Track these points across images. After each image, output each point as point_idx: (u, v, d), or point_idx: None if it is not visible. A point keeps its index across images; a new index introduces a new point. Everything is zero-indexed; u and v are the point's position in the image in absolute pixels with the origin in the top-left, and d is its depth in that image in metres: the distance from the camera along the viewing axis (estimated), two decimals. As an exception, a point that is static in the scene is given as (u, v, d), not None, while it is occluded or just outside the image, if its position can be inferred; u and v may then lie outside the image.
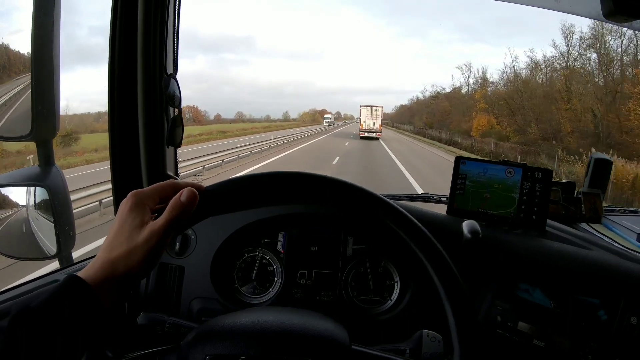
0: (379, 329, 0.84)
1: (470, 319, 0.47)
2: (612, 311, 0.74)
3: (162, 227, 0.46)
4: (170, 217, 0.47)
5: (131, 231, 0.46)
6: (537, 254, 0.81)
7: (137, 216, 0.46)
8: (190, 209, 0.48)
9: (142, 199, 0.47)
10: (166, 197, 0.49)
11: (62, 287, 0.41)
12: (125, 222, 0.46)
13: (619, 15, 0.70)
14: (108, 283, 0.43)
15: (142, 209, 0.47)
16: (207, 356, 0.47)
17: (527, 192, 0.90)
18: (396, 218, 0.50)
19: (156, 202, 0.49)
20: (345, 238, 0.91)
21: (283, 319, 0.52)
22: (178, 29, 0.89)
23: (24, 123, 0.78)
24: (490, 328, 0.78)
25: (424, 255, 0.48)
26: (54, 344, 0.38)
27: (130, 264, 0.45)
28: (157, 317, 0.59)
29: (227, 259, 0.89)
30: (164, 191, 0.49)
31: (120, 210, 0.47)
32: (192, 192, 0.48)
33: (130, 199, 0.47)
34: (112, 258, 0.44)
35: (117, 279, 0.44)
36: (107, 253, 0.45)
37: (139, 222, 0.46)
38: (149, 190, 0.49)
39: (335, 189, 0.51)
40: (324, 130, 43.67)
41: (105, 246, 0.46)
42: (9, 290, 0.78)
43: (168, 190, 0.50)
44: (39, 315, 0.39)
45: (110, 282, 0.43)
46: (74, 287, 0.41)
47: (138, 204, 0.47)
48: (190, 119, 63.47)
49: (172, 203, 0.47)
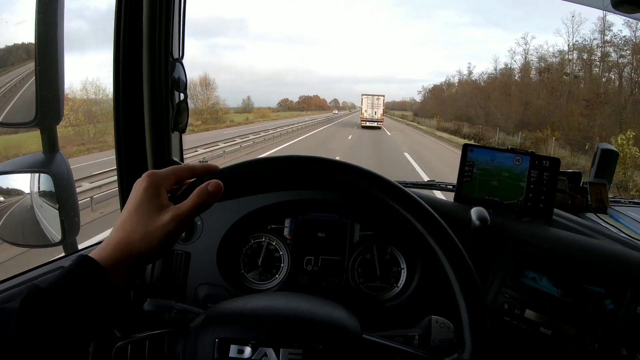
0: (386, 316, 0.84)
1: (483, 313, 0.47)
2: (618, 300, 0.74)
3: (186, 212, 0.46)
4: (195, 203, 0.47)
5: (150, 213, 0.45)
6: (545, 242, 0.81)
7: (154, 198, 0.46)
8: (215, 198, 0.48)
9: (158, 180, 0.47)
10: (182, 179, 0.49)
11: (74, 267, 0.41)
12: (142, 203, 0.45)
13: (627, 5, 0.69)
14: (121, 264, 0.43)
15: (158, 190, 0.46)
16: (216, 339, 0.46)
17: (535, 180, 0.90)
18: (409, 205, 0.49)
19: (172, 184, 0.48)
20: (352, 224, 0.91)
21: (294, 304, 0.52)
22: (184, 11, 0.88)
23: (28, 110, 0.77)
24: (497, 316, 0.78)
25: (437, 244, 0.48)
26: (66, 325, 0.38)
27: (146, 247, 0.44)
28: (164, 303, 0.58)
29: (233, 245, 0.89)
30: (180, 173, 0.49)
31: (136, 191, 0.46)
32: (218, 184, 0.48)
33: (146, 179, 0.46)
34: (127, 239, 0.44)
35: (130, 260, 0.44)
36: (121, 233, 0.44)
37: (156, 204, 0.46)
38: (165, 172, 0.48)
39: (349, 173, 0.50)
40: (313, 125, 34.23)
41: (118, 226, 0.45)
42: (14, 277, 0.78)
43: (184, 172, 0.49)
44: (50, 296, 0.38)
45: (124, 263, 0.43)
46: (87, 267, 0.41)
47: (154, 185, 0.46)
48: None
49: (199, 191, 0.47)
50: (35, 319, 0.37)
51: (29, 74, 0.77)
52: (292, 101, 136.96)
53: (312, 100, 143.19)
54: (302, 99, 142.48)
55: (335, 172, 0.50)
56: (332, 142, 18.68)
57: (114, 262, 0.42)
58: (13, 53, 0.87)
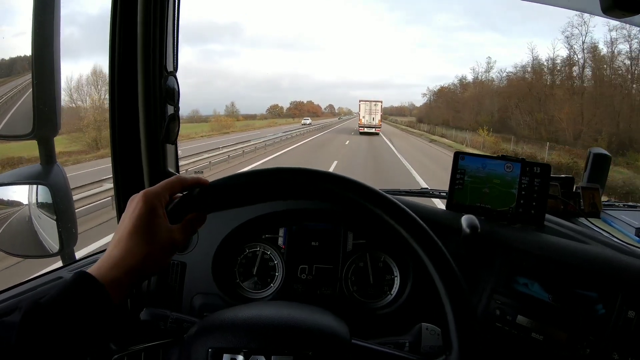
0: (379, 323, 0.85)
1: (468, 315, 0.47)
2: (609, 305, 0.75)
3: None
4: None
5: (150, 234, 0.47)
6: (536, 248, 0.82)
7: (152, 217, 0.47)
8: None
9: (154, 198, 0.48)
10: (174, 193, 0.51)
11: (73, 283, 0.42)
12: (141, 224, 0.47)
13: (617, 10, 0.70)
14: (120, 282, 0.44)
15: (155, 209, 0.48)
16: (209, 349, 0.47)
17: (526, 187, 0.90)
18: (395, 213, 0.50)
19: (167, 199, 0.50)
20: (346, 233, 0.92)
21: (284, 312, 0.53)
22: (178, 25, 0.90)
23: (25, 122, 0.78)
24: (489, 322, 0.79)
25: (423, 251, 0.49)
26: (64, 340, 0.39)
27: (146, 266, 0.46)
28: (160, 313, 0.59)
29: (228, 255, 0.90)
30: (172, 188, 0.51)
31: (133, 210, 0.48)
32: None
33: (142, 200, 0.48)
34: (126, 259, 0.45)
35: (129, 279, 0.45)
36: (120, 252, 0.45)
37: (155, 224, 0.47)
38: (159, 189, 0.50)
39: (335, 184, 0.51)
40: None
41: (117, 244, 0.46)
42: (13, 287, 0.78)
43: (176, 186, 0.51)
44: (50, 311, 0.39)
45: (123, 281, 0.44)
46: (86, 284, 0.42)
47: (151, 205, 0.48)
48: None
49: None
50: (35, 333, 0.38)
51: (26, 86, 0.79)
52: (282, 107, 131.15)
53: (305, 106, 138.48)
54: (293, 105, 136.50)
55: (320, 181, 0.52)
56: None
57: (112, 280, 0.43)
58: (10, 65, 0.89)
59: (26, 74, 0.79)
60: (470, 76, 41.84)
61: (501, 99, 31.12)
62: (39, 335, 0.38)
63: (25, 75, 0.79)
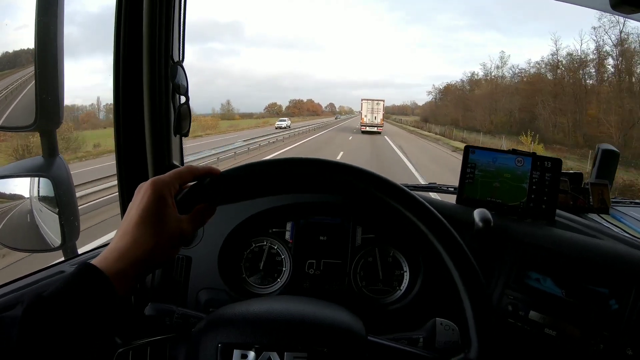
0: (389, 319, 0.84)
1: (488, 311, 0.46)
2: (623, 300, 0.74)
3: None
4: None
5: (159, 224, 0.45)
6: (548, 243, 0.81)
7: (160, 207, 0.45)
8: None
9: (163, 187, 0.47)
10: (184, 182, 0.49)
11: (76, 275, 0.40)
12: (149, 213, 0.45)
13: (625, 6, 0.69)
14: (126, 273, 0.42)
15: (165, 199, 0.46)
16: (219, 344, 0.46)
17: (537, 181, 0.89)
18: (414, 207, 0.49)
19: (177, 189, 0.48)
20: (354, 227, 0.90)
21: (297, 307, 0.51)
22: (185, 14, 0.88)
23: (28, 113, 0.77)
24: (501, 317, 0.78)
25: (442, 246, 0.48)
26: (68, 333, 0.37)
27: (153, 257, 0.44)
28: (165, 308, 0.58)
29: (234, 249, 0.88)
30: (182, 177, 0.49)
31: (141, 199, 0.46)
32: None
33: (151, 188, 0.46)
34: (133, 249, 0.43)
35: (135, 270, 0.43)
36: (126, 243, 0.44)
37: (164, 213, 0.45)
38: (169, 178, 0.48)
39: (354, 176, 0.50)
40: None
41: (122, 235, 0.44)
42: (14, 281, 0.77)
43: (186, 175, 0.50)
44: (53, 305, 0.38)
45: (128, 273, 0.43)
46: (90, 276, 0.40)
47: (160, 194, 0.46)
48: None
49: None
50: (37, 327, 0.36)
51: (29, 78, 0.77)
52: (281, 106, 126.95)
53: (305, 104, 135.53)
54: (292, 104, 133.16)
55: (337, 173, 0.50)
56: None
57: (117, 271, 0.42)
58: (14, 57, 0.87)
59: (29, 66, 0.78)
60: (481, 72, 38.25)
61: (522, 97, 26.84)
62: (41, 329, 0.36)
63: (28, 67, 0.78)
